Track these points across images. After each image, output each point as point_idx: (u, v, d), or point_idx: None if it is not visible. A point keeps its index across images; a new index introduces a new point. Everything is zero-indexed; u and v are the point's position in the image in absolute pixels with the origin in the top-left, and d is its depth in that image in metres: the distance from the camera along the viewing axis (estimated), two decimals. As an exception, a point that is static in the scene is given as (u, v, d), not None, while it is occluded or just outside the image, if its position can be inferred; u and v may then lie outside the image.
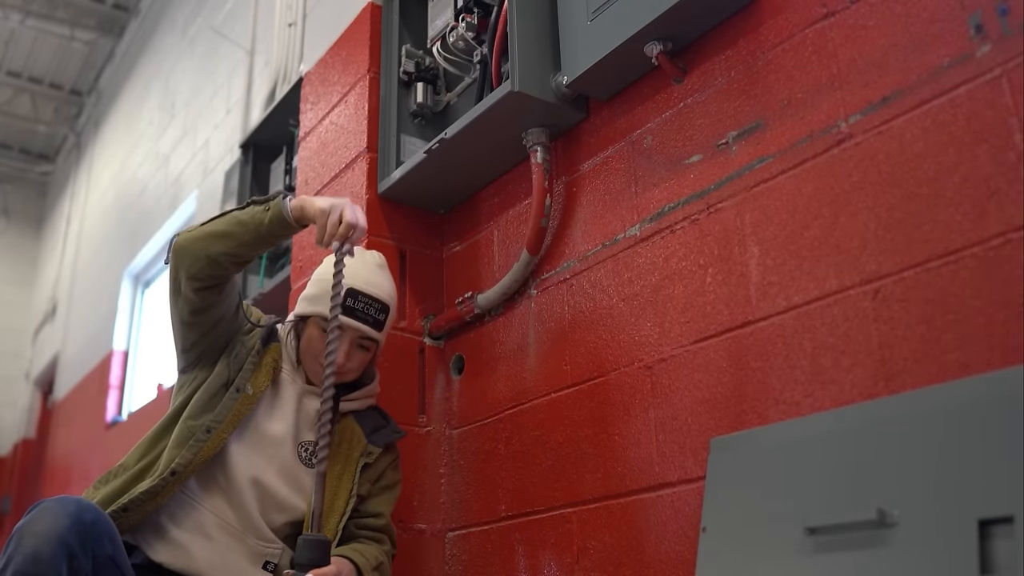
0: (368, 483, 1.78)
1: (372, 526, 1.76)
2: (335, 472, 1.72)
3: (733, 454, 1.45)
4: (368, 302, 1.73)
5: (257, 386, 1.70)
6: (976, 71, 1.25)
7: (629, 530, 1.65)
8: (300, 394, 1.76)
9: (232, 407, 1.66)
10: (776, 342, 1.46)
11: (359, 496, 1.75)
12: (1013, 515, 1.03)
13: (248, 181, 3.20)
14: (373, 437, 1.80)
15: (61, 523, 1.33)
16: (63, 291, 7.85)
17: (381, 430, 1.83)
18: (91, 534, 1.37)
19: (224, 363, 1.72)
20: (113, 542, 1.44)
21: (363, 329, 1.72)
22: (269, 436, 1.70)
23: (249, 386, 1.69)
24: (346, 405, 1.79)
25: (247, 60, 4.07)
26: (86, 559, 1.35)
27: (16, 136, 9.14)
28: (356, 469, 1.74)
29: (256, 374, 1.71)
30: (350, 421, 1.79)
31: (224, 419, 1.65)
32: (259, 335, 1.77)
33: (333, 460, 1.72)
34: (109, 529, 1.44)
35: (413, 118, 2.34)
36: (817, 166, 1.45)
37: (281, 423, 1.72)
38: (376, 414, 1.86)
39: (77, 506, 1.38)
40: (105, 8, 7.32)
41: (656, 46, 1.68)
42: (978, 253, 1.21)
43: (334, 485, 1.71)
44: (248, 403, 1.68)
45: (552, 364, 1.93)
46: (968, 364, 1.19)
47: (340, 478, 1.72)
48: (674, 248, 1.68)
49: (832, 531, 1.22)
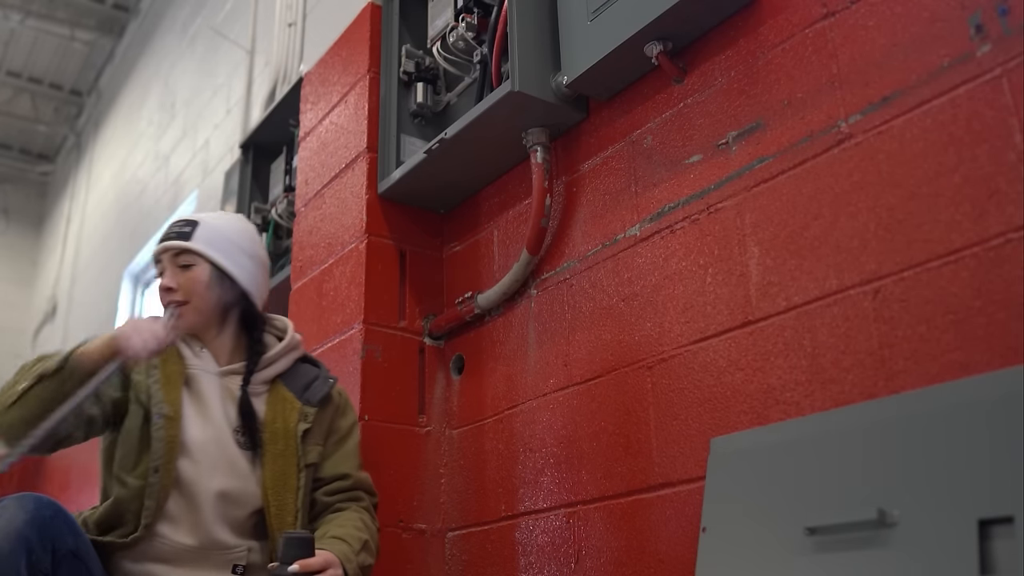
0: (318, 445, 1.72)
1: (340, 489, 1.72)
2: (276, 451, 1.66)
3: (733, 454, 1.45)
4: (172, 224, 1.71)
5: (173, 401, 1.62)
6: (976, 71, 1.25)
7: (629, 530, 1.65)
8: (216, 380, 1.70)
9: (164, 437, 1.59)
10: (776, 342, 1.46)
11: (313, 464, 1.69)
12: (1013, 515, 1.03)
13: (248, 181, 3.20)
14: (306, 395, 1.73)
15: (18, 519, 1.33)
16: (63, 291, 7.84)
17: (312, 384, 1.75)
18: (50, 528, 1.36)
19: (134, 401, 1.63)
20: (75, 535, 1.42)
21: (169, 245, 1.68)
22: (203, 442, 1.63)
23: (166, 406, 1.61)
24: (267, 372, 1.72)
25: (247, 60, 4.07)
26: (45, 553, 1.34)
27: (16, 136, 9.13)
28: (296, 441, 1.67)
29: (167, 390, 1.63)
30: (278, 386, 1.72)
31: (162, 452, 1.57)
32: None
33: (273, 438, 1.67)
34: (70, 522, 1.42)
35: (413, 118, 2.34)
36: (817, 166, 1.45)
37: (210, 423, 1.65)
38: (305, 366, 1.78)
39: (35, 503, 1.37)
40: (105, 8, 7.31)
41: (656, 46, 1.68)
42: (978, 253, 1.21)
43: (280, 464, 1.65)
44: (175, 424, 1.61)
45: (552, 364, 1.93)
46: (968, 364, 1.19)
47: (284, 455, 1.66)
48: (674, 248, 1.68)
49: (832, 531, 1.22)
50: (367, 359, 2.13)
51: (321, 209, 2.49)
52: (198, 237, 1.69)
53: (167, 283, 1.67)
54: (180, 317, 1.66)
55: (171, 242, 1.68)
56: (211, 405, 1.67)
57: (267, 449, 1.66)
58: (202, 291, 1.68)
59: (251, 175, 3.21)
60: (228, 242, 1.72)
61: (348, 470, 1.75)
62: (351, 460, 1.77)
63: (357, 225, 2.28)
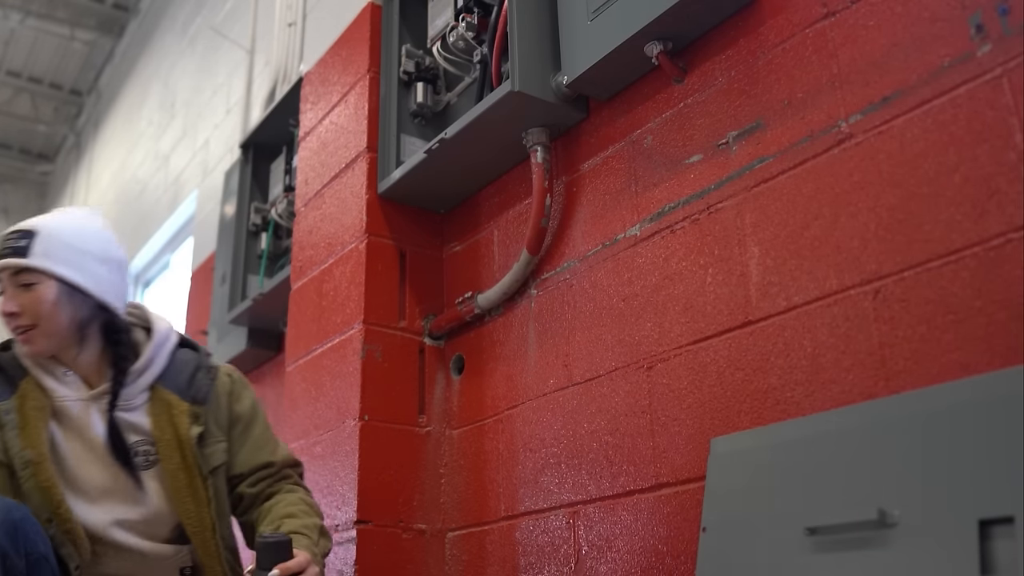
0: (220, 442, 1.58)
1: (264, 477, 1.61)
2: (173, 465, 1.51)
3: (733, 454, 1.45)
4: (5, 237, 1.49)
5: (35, 443, 1.45)
6: (977, 71, 1.25)
7: (629, 530, 1.65)
8: (87, 405, 1.53)
9: (36, 486, 1.43)
10: (776, 342, 1.46)
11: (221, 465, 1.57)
12: (1013, 515, 1.03)
13: (248, 181, 3.20)
14: (191, 392, 1.57)
15: None
16: (63, 291, 7.83)
17: (195, 376, 1.59)
18: (21, 532, 1.31)
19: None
20: (44, 540, 1.37)
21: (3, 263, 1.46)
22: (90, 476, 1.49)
23: (28, 452, 1.44)
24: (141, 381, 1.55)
25: (247, 60, 4.07)
26: (19, 558, 1.30)
27: (16, 136, 9.13)
28: (192, 449, 1.52)
29: (25, 433, 1.46)
30: (158, 391, 1.55)
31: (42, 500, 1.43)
32: None
33: (167, 451, 1.52)
34: (38, 527, 1.37)
35: (413, 118, 2.34)
36: (817, 166, 1.45)
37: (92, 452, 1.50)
38: (182, 353, 1.61)
39: (4, 504, 1.32)
40: (105, 8, 7.31)
41: (656, 46, 1.68)
42: (978, 253, 1.21)
43: (181, 478, 1.51)
44: (45, 468, 1.44)
45: (552, 364, 1.93)
46: (968, 364, 1.19)
47: (183, 468, 1.52)
48: (674, 248, 1.68)
49: (832, 531, 1.22)
50: (367, 359, 2.13)
51: (321, 209, 2.49)
52: (36, 251, 1.48)
53: (8, 308, 1.47)
54: (31, 343, 1.49)
55: (6, 260, 1.47)
56: (88, 434, 1.52)
57: (163, 466, 1.51)
58: (49, 312, 1.48)
59: (251, 175, 3.21)
60: (72, 250, 1.51)
61: (267, 458, 1.62)
62: (266, 446, 1.63)
63: (357, 225, 2.28)
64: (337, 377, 2.18)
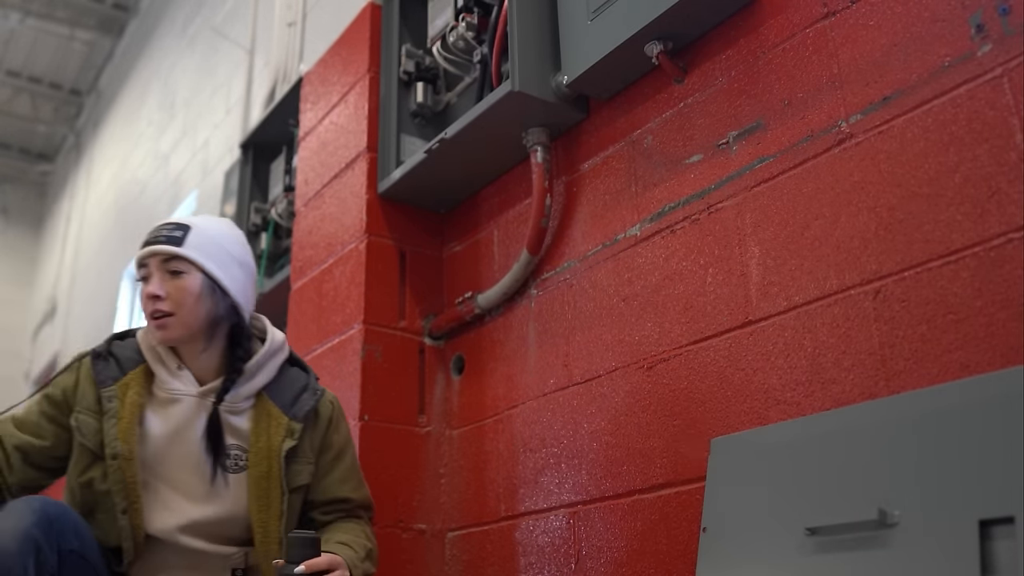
0: (308, 464, 1.63)
1: (340, 510, 1.67)
2: (259, 472, 1.57)
3: (733, 454, 1.45)
4: (160, 227, 1.57)
5: (127, 438, 1.51)
6: (977, 71, 1.25)
7: (629, 530, 1.65)
8: (195, 402, 1.58)
9: (121, 479, 1.49)
10: (776, 342, 1.46)
11: (303, 486, 1.62)
12: (1014, 515, 1.03)
13: (248, 181, 3.20)
14: (294, 409, 1.62)
15: (26, 519, 1.32)
16: (63, 291, 7.84)
17: (301, 395, 1.65)
18: (56, 528, 1.35)
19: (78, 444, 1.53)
20: (80, 536, 1.41)
21: (156, 250, 1.54)
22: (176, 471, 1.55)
23: (119, 445, 1.50)
24: (251, 385, 1.61)
25: (247, 60, 4.07)
26: (52, 553, 1.34)
27: (16, 136, 9.14)
28: (280, 462, 1.57)
29: (120, 425, 1.51)
30: (263, 400, 1.61)
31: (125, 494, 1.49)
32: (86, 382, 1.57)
33: (257, 458, 1.57)
34: (75, 523, 1.41)
35: (413, 118, 2.34)
36: (817, 166, 1.45)
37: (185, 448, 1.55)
38: (293, 372, 1.68)
39: (41, 502, 1.37)
40: (105, 8, 7.31)
41: (656, 46, 1.68)
42: (979, 253, 1.21)
43: (263, 487, 1.56)
44: (132, 465, 1.50)
45: (552, 364, 1.93)
46: (968, 364, 1.19)
47: (268, 477, 1.57)
48: (674, 248, 1.68)
49: (832, 531, 1.22)
50: (367, 359, 2.13)
51: (321, 209, 2.49)
52: (191, 243, 1.55)
53: (154, 290, 1.53)
54: (164, 329, 1.54)
55: (161, 246, 1.54)
56: (188, 429, 1.57)
57: (250, 472, 1.57)
58: (192, 302, 1.54)
59: (251, 175, 3.21)
60: (221, 249, 1.59)
61: (347, 494, 1.67)
62: (350, 481, 1.69)
63: (357, 225, 2.28)
64: (337, 377, 2.18)
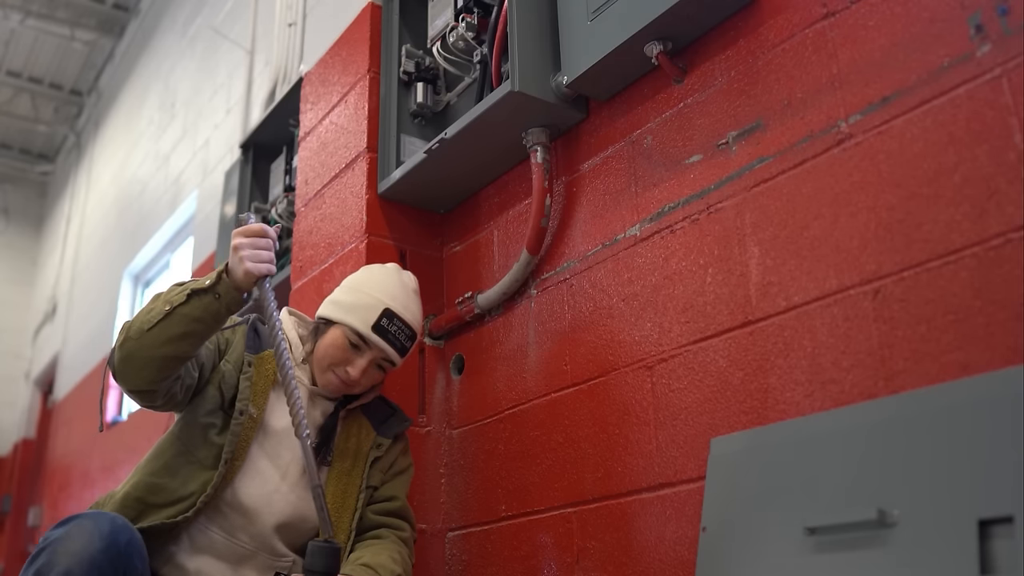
0: (380, 473, 1.78)
1: (388, 510, 1.76)
2: (344, 468, 1.72)
3: (733, 454, 1.45)
4: (401, 327, 1.73)
5: (259, 406, 1.66)
6: (976, 71, 1.25)
7: (629, 530, 1.65)
8: (307, 390, 1.74)
9: (240, 433, 1.62)
10: (776, 342, 1.46)
11: (372, 487, 1.75)
12: (1013, 515, 1.03)
13: (248, 181, 3.20)
14: (383, 428, 1.80)
15: (95, 545, 1.33)
16: (63, 291, 7.84)
17: (389, 420, 1.83)
18: (123, 557, 1.37)
19: (215, 387, 1.65)
20: (144, 561, 1.44)
21: (389, 352, 1.72)
22: (277, 454, 1.67)
23: (252, 407, 1.65)
24: (355, 402, 1.79)
25: (247, 60, 4.07)
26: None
27: (16, 136, 9.13)
28: (366, 464, 1.74)
29: (256, 391, 1.67)
30: (358, 414, 1.79)
31: (235, 446, 1.61)
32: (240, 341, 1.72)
33: (342, 456, 1.73)
34: (141, 549, 1.43)
35: (413, 118, 2.34)
36: (817, 166, 1.45)
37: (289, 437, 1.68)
38: (383, 404, 1.85)
39: (112, 526, 1.37)
40: (105, 8, 7.31)
41: (656, 46, 1.68)
42: (978, 253, 1.21)
43: (344, 481, 1.71)
44: (253, 426, 1.65)
45: (552, 364, 1.93)
46: (968, 364, 1.19)
47: (349, 474, 1.72)
48: (674, 248, 1.68)
49: (832, 531, 1.22)
50: (367, 359, 2.13)
51: (321, 209, 2.49)
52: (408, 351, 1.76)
53: (357, 376, 1.70)
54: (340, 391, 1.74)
55: (394, 353, 1.72)
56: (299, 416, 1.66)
57: (334, 466, 1.71)
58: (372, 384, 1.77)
59: (251, 175, 3.21)
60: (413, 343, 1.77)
61: (398, 493, 1.80)
62: (403, 489, 1.82)
63: (357, 225, 2.28)
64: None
